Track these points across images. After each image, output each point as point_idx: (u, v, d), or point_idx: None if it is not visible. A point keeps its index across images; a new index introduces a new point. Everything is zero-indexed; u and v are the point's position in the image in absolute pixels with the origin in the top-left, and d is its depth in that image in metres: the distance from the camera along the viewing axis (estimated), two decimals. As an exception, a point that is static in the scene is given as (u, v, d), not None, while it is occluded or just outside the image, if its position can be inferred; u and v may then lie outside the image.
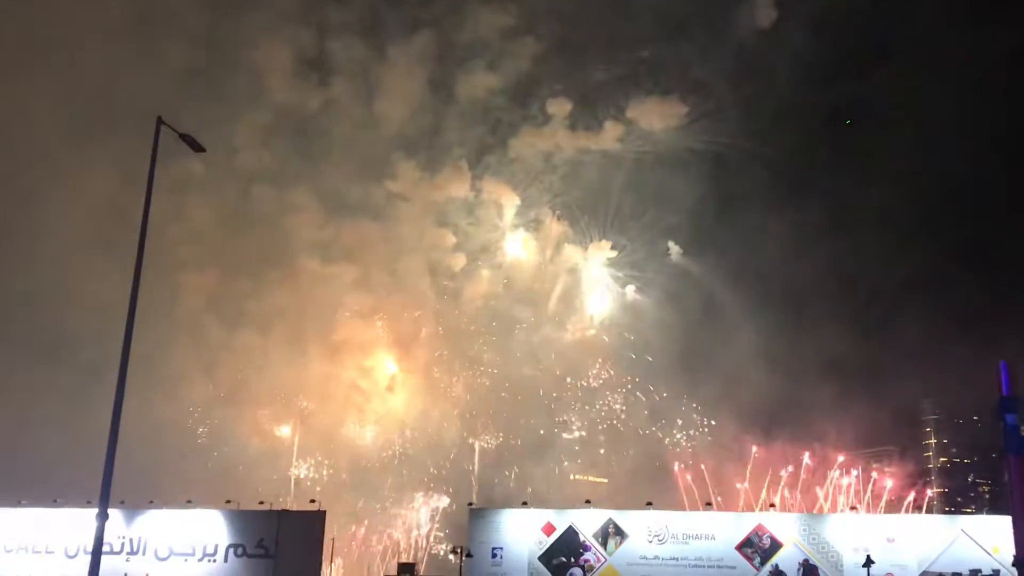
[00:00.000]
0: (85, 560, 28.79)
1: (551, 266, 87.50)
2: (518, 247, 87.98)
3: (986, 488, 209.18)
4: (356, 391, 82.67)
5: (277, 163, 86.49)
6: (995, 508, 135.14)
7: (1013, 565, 25.27)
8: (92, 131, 76.66)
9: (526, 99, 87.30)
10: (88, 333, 70.01)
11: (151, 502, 55.49)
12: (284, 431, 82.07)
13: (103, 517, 26.45)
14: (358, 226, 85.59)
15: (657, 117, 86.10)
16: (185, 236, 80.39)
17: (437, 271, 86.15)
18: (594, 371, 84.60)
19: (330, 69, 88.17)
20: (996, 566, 46.93)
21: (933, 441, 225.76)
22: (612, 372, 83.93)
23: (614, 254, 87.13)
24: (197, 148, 31.32)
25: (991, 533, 47.58)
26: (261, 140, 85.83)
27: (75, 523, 53.54)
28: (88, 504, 48.70)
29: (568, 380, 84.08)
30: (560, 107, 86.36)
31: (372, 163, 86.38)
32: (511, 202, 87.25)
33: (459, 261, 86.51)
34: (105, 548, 27.64)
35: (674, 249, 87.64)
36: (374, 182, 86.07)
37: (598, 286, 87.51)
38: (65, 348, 74.17)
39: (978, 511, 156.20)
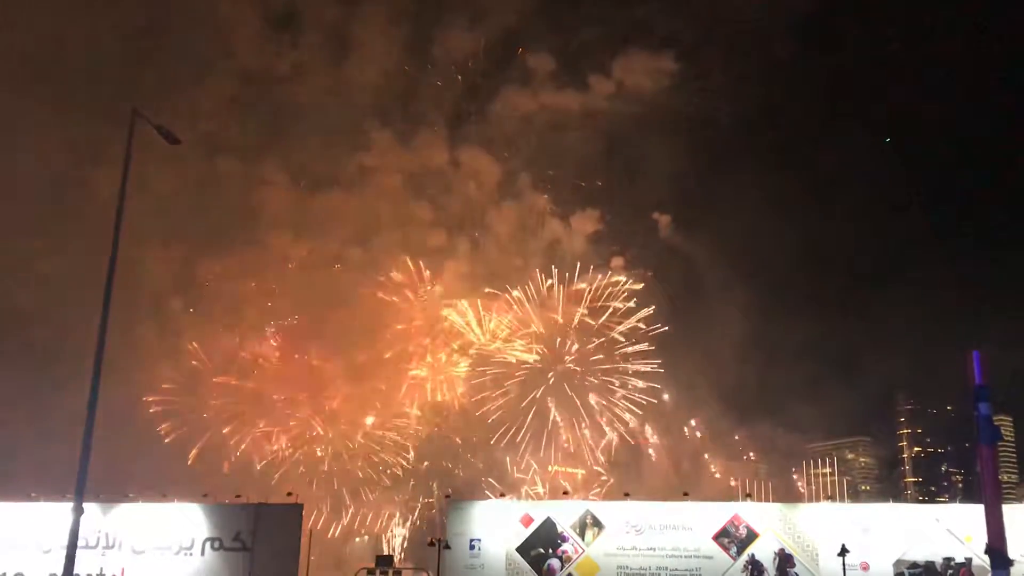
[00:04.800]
0: (60, 555, 28.48)
1: (533, 240, 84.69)
2: (498, 220, 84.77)
3: (959, 478, 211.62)
4: (323, 379, 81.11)
5: (244, 131, 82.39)
6: (968, 497, 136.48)
7: (985, 553, 25.51)
8: (42, 97, 72.24)
9: (508, 58, 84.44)
10: (37, 312, 68.20)
11: (127, 496, 55.02)
12: (257, 420, 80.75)
13: (79, 511, 26.18)
14: (329, 199, 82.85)
15: (645, 76, 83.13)
16: (147, 209, 74.72)
17: (413, 247, 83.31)
18: (575, 354, 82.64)
19: (300, 29, 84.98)
20: (969, 555, 47.56)
21: (907, 431, 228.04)
22: (593, 356, 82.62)
23: (600, 227, 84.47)
24: (173, 140, 30.85)
25: (964, 522, 47.95)
26: (227, 106, 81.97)
27: (49, 517, 52.81)
28: (65, 498, 48.07)
29: (553, 370, 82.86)
30: (544, 65, 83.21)
31: (344, 132, 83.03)
32: (491, 171, 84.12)
33: (437, 236, 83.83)
34: (80, 542, 27.32)
35: (663, 221, 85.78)
36: (346, 152, 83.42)
37: (581, 260, 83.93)
38: (12, 327, 70.64)
39: (952, 500, 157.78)
